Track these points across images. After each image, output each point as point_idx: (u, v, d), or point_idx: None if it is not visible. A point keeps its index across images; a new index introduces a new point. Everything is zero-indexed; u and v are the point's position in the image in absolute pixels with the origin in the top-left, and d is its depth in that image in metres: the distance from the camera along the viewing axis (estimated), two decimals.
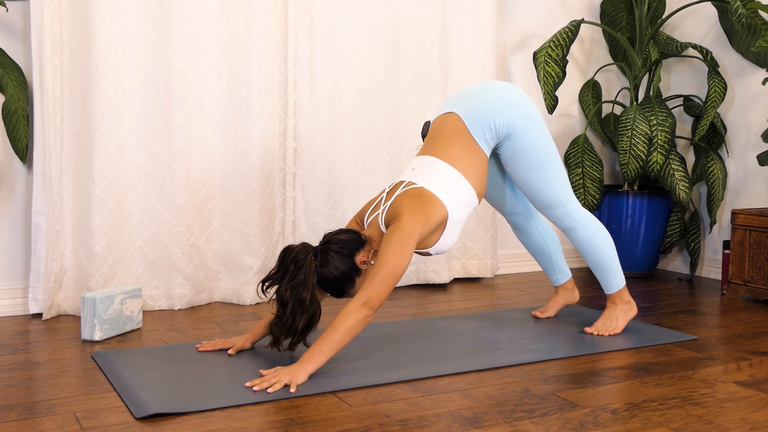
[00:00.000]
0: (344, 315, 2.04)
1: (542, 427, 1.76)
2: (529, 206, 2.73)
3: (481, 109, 2.38)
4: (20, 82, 2.78)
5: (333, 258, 2.17)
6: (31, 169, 2.90)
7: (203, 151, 3.04)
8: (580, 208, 2.54)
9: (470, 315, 2.90)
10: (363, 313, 2.05)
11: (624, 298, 2.63)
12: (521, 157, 2.44)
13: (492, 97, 2.40)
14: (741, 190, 3.65)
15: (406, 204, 2.20)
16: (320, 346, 2.04)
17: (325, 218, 3.29)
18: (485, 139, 2.38)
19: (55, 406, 1.88)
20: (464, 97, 2.45)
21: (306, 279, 2.10)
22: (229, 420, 1.78)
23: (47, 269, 2.79)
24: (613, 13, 3.95)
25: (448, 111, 2.44)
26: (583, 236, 2.54)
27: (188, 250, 3.01)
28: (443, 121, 2.43)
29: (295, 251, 2.13)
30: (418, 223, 2.16)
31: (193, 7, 2.97)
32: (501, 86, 2.45)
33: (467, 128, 2.37)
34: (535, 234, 2.75)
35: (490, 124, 2.38)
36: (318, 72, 3.24)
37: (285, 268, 2.12)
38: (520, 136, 2.41)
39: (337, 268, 2.17)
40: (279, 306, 2.12)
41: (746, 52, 3.58)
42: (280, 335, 2.14)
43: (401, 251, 2.10)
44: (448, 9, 3.51)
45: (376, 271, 2.08)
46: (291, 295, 2.09)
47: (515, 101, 2.41)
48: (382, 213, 2.25)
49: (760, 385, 2.08)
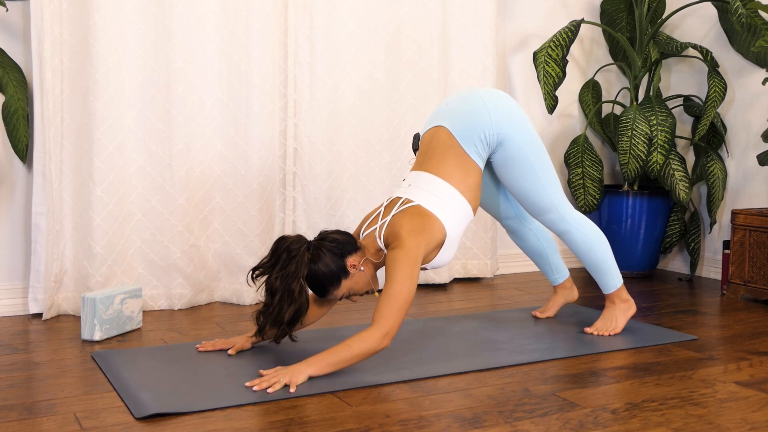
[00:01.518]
0: (364, 339, 2.04)
1: (542, 427, 1.76)
2: (521, 210, 2.73)
3: (470, 122, 2.37)
4: (20, 82, 2.78)
5: (325, 255, 2.17)
6: (31, 169, 2.90)
7: (203, 151, 3.04)
8: (573, 211, 2.54)
9: (470, 315, 2.90)
10: (381, 344, 2.06)
11: (622, 296, 2.64)
12: (513, 163, 2.43)
13: (479, 108, 2.38)
14: (741, 190, 3.65)
15: (406, 224, 2.20)
16: (328, 358, 2.04)
17: (325, 218, 3.29)
18: (477, 151, 2.37)
19: (55, 406, 1.88)
20: (451, 110, 2.42)
21: (297, 270, 2.10)
22: (229, 420, 1.78)
23: (47, 269, 2.79)
24: (613, 13, 3.95)
25: (437, 125, 2.42)
26: (579, 239, 2.54)
27: (188, 250, 3.01)
28: (433, 136, 2.41)
29: (289, 241, 2.14)
30: (421, 246, 2.17)
31: (193, 7, 2.97)
32: (487, 95, 2.42)
33: (458, 142, 2.36)
34: (531, 237, 2.76)
35: (480, 135, 2.36)
36: (318, 72, 3.24)
37: (277, 257, 2.13)
38: (510, 144, 2.40)
39: (327, 266, 2.17)
40: (267, 295, 2.13)
41: (746, 52, 3.58)
42: (265, 324, 2.15)
43: (411, 278, 2.11)
44: (448, 9, 3.51)
45: (390, 301, 2.07)
46: (281, 285, 2.09)
47: (503, 109, 2.39)
48: (380, 229, 2.25)
49: (760, 385, 2.08)
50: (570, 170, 3.75)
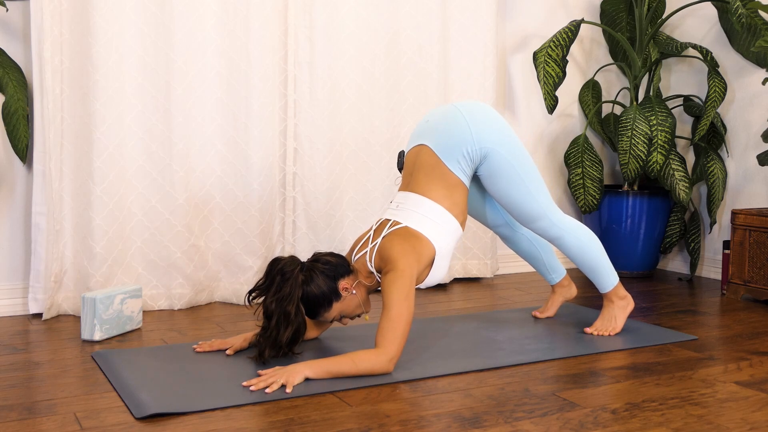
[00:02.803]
0: (369, 360, 2.06)
1: (542, 427, 1.76)
2: (510, 217, 2.73)
3: (452, 140, 2.35)
4: (20, 82, 2.78)
5: (317, 277, 2.19)
6: (31, 169, 2.90)
7: (203, 151, 3.04)
8: (564, 216, 2.53)
9: (470, 315, 2.90)
10: (386, 369, 2.08)
11: (619, 294, 2.64)
12: (499, 175, 2.42)
13: (460, 124, 2.36)
14: (741, 190, 3.65)
15: (397, 246, 2.21)
16: (329, 366, 2.05)
17: (325, 218, 3.29)
18: (461, 168, 2.36)
19: (55, 406, 1.88)
20: (432, 128, 2.41)
21: (291, 292, 2.13)
22: (229, 420, 1.78)
23: (47, 269, 2.79)
24: (613, 13, 3.95)
25: (419, 143, 2.42)
26: (571, 243, 2.54)
27: (188, 250, 3.01)
28: (417, 155, 2.40)
29: (282, 263, 2.16)
30: (414, 266, 2.19)
31: (193, 7, 2.97)
32: (466, 109, 2.40)
33: (441, 161, 2.35)
34: (523, 241, 2.77)
35: (462, 152, 2.35)
36: (318, 72, 3.24)
37: (271, 280, 2.15)
38: (494, 156, 2.38)
39: (319, 288, 2.19)
40: (264, 318, 2.15)
41: (746, 52, 3.58)
42: (265, 348, 2.16)
43: (408, 299, 2.12)
44: (448, 9, 3.51)
45: (393, 325, 2.08)
46: (276, 308, 2.12)
47: (484, 122, 2.38)
48: (370, 252, 2.27)
49: (760, 385, 2.08)
50: (570, 170, 3.75)
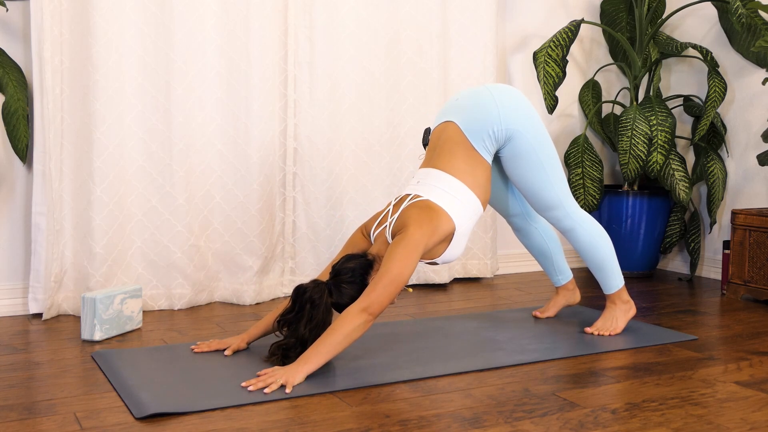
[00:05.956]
0: (343, 319, 2.06)
1: (542, 427, 1.76)
2: (528, 208, 2.74)
3: (479, 118, 2.38)
4: (20, 82, 2.78)
5: (346, 288, 2.19)
6: (31, 169, 2.90)
7: (203, 151, 3.04)
8: (579, 209, 2.54)
9: (470, 315, 2.90)
10: (362, 319, 2.06)
11: (623, 297, 2.64)
12: (521, 158, 2.44)
13: (488, 104, 2.39)
14: (741, 190, 3.65)
15: (414, 215, 2.21)
16: (318, 348, 2.05)
17: (325, 218, 3.29)
18: (486, 147, 2.38)
19: (55, 406, 1.88)
20: (461, 105, 2.43)
21: (324, 318, 2.14)
22: (229, 420, 1.78)
23: (47, 269, 2.79)
24: (613, 13, 3.95)
25: (446, 120, 2.44)
26: (583, 237, 2.55)
27: (188, 250, 3.01)
28: (443, 131, 2.42)
29: (309, 291, 2.15)
30: (425, 235, 2.18)
31: (193, 7, 2.97)
32: (496, 90, 2.43)
33: (467, 138, 2.37)
34: (536, 235, 2.76)
35: (489, 131, 2.37)
36: (318, 72, 3.24)
37: (300, 308, 2.14)
38: (519, 139, 2.41)
39: (351, 296, 2.19)
40: (299, 345, 2.14)
41: (746, 52, 3.58)
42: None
43: (405, 260, 2.11)
44: (448, 9, 3.51)
45: (378, 278, 2.09)
46: (311, 336, 2.13)
47: (512, 104, 2.41)
48: (390, 226, 2.26)
49: (760, 385, 2.08)
50: (570, 170, 3.75)
